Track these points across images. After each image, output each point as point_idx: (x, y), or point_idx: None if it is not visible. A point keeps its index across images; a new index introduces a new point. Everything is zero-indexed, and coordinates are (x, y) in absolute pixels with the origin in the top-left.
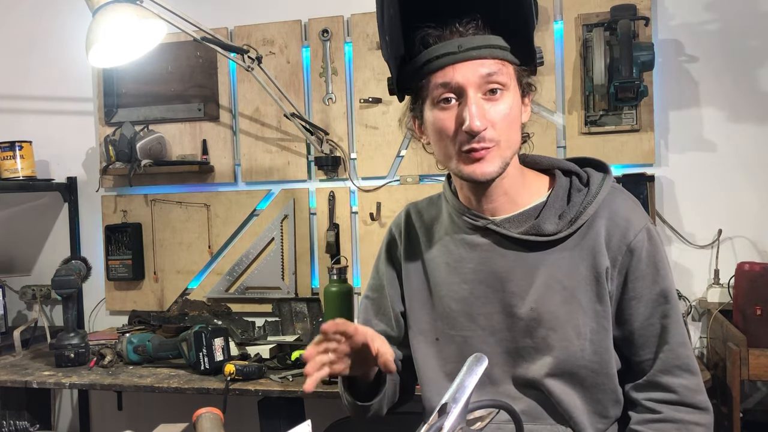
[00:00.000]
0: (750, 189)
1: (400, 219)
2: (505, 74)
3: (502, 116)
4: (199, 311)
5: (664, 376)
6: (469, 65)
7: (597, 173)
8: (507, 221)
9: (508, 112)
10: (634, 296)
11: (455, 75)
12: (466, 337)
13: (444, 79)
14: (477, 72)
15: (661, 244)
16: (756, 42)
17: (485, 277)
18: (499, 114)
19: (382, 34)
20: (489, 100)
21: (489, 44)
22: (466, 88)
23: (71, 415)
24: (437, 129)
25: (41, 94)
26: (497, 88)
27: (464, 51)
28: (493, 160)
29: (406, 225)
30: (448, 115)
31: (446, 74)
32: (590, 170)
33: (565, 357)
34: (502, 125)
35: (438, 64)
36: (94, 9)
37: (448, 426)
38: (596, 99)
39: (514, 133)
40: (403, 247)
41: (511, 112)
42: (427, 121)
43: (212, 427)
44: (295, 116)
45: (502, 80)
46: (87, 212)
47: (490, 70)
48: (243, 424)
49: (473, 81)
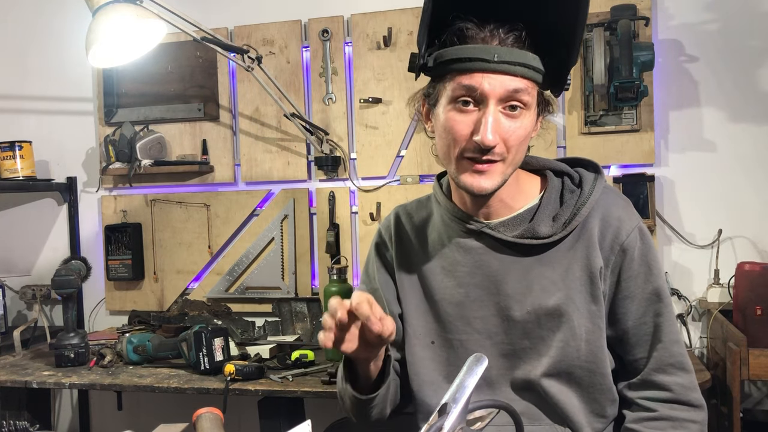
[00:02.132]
0: (750, 189)
1: (389, 222)
2: (531, 95)
3: (516, 135)
4: (199, 311)
5: (658, 375)
6: (499, 77)
7: (589, 174)
8: (501, 225)
9: (523, 133)
10: (627, 295)
11: (482, 83)
12: (462, 340)
13: (470, 83)
14: (504, 86)
15: (653, 243)
16: (756, 42)
17: (480, 281)
18: (514, 133)
19: (425, 11)
20: (507, 116)
21: (525, 62)
22: (489, 99)
23: (71, 415)
24: (448, 128)
25: (41, 94)
26: (519, 106)
27: (498, 62)
28: (494, 175)
29: (396, 228)
30: (463, 119)
31: (474, 79)
32: (582, 171)
33: (561, 357)
34: (513, 143)
35: (469, 67)
36: (94, 9)
37: (448, 426)
38: (596, 99)
39: (521, 151)
40: (394, 250)
41: (526, 134)
42: (439, 114)
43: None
44: (295, 116)
45: (526, 100)
46: (87, 212)
47: (517, 88)
48: (243, 424)
49: (498, 93)
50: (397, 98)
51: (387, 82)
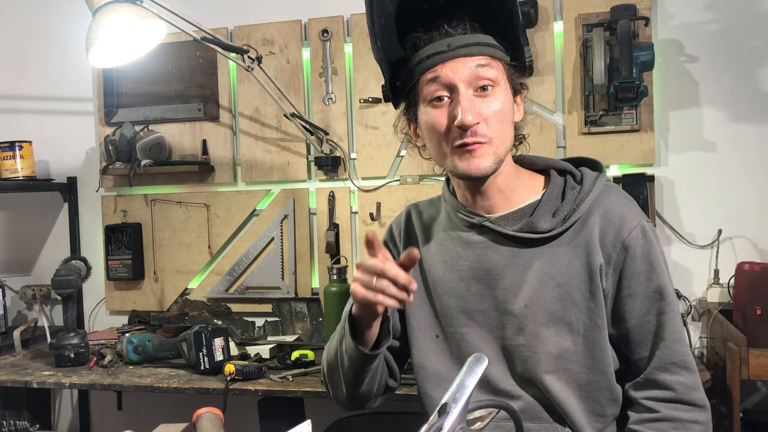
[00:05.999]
0: (750, 189)
1: (400, 218)
2: (495, 70)
3: (493, 112)
4: (199, 311)
5: (661, 374)
6: (459, 62)
7: (591, 172)
8: (502, 219)
9: (500, 108)
10: (629, 294)
11: (446, 71)
12: (464, 333)
13: (434, 75)
14: (467, 67)
15: (657, 240)
16: (756, 42)
17: (481, 275)
18: (491, 109)
19: (374, 39)
20: (480, 96)
21: (477, 42)
22: (457, 84)
23: (71, 415)
24: (430, 126)
25: (41, 94)
26: (488, 84)
27: (453, 49)
28: (486, 156)
29: (406, 224)
30: (440, 113)
31: (436, 71)
32: (584, 169)
33: (559, 353)
34: (494, 121)
35: (428, 63)
36: (94, 9)
37: (448, 426)
38: (596, 99)
39: (507, 130)
40: (402, 246)
41: (503, 109)
42: (421, 121)
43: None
44: (295, 116)
45: (492, 76)
46: (87, 212)
47: (479, 63)
48: (243, 424)
49: (464, 76)
50: None
51: None
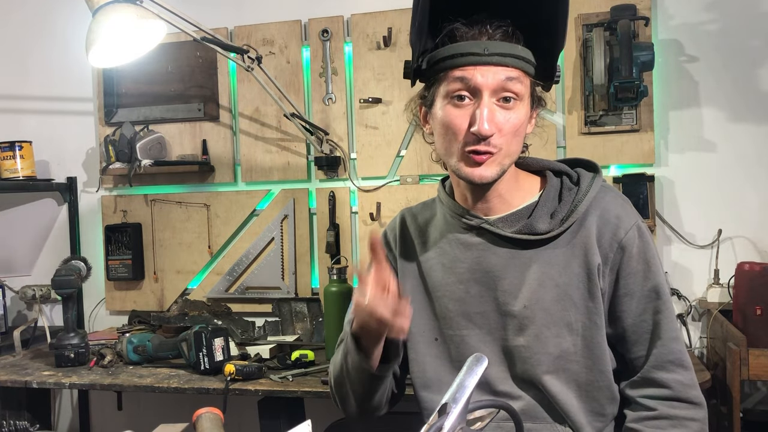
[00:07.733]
0: (750, 189)
1: (394, 224)
2: (523, 85)
3: (510, 125)
4: (199, 311)
5: (658, 372)
6: (490, 69)
7: (587, 173)
8: (500, 221)
9: (517, 122)
10: (626, 293)
11: (475, 75)
12: (464, 336)
13: (464, 75)
14: (497, 77)
15: (652, 240)
16: (756, 42)
17: (480, 277)
18: (509, 123)
19: (414, 18)
20: (501, 107)
21: (514, 54)
22: (483, 91)
23: (71, 415)
24: (446, 124)
25: (41, 94)
26: (512, 97)
27: (489, 55)
28: (492, 165)
29: (401, 229)
30: (459, 113)
31: (467, 72)
32: (581, 170)
33: (559, 353)
34: (509, 134)
35: (462, 61)
36: (94, 9)
37: (448, 426)
38: (596, 99)
39: (517, 143)
40: (398, 251)
41: (520, 123)
42: (436, 113)
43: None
44: (295, 116)
45: (518, 90)
46: (87, 212)
47: (509, 76)
48: (243, 424)
49: (491, 85)
50: (397, 98)
51: (387, 82)
